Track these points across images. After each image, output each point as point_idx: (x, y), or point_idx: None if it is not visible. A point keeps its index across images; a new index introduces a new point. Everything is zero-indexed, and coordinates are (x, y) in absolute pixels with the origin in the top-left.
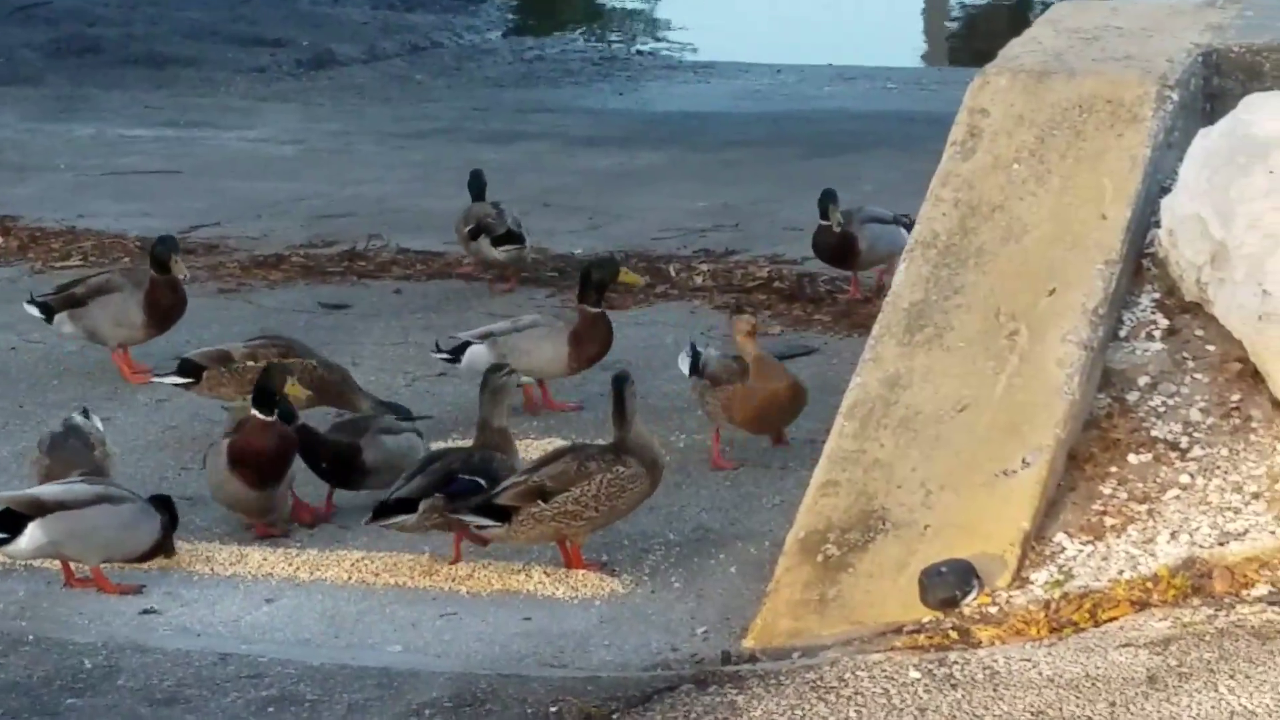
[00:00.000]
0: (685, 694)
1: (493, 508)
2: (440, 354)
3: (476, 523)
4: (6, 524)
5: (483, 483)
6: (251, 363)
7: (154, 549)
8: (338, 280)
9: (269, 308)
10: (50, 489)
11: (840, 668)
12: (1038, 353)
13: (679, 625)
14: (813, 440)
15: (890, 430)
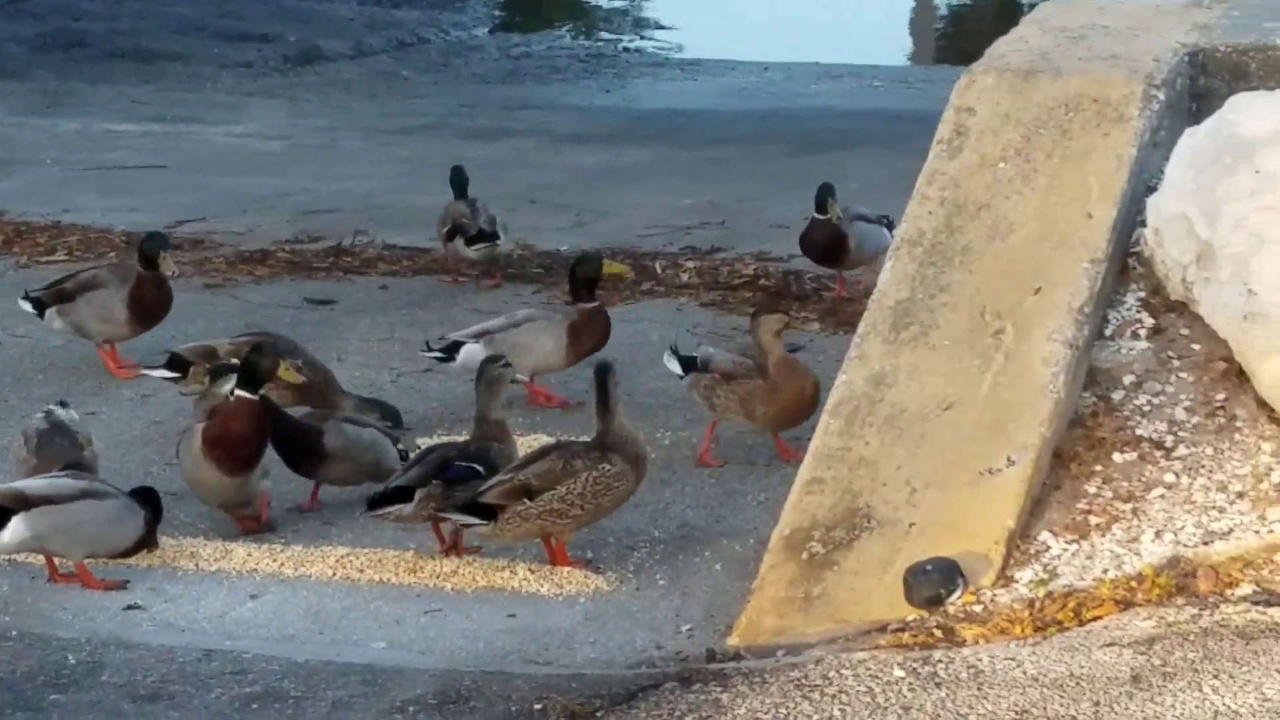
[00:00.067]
0: (670, 692)
1: (478, 506)
2: (432, 353)
3: (462, 521)
4: None
5: (480, 469)
6: (235, 360)
7: (138, 545)
8: (323, 276)
9: (254, 303)
10: (34, 483)
11: (825, 666)
12: (1023, 351)
13: (664, 623)
14: (798, 438)
15: (876, 428)
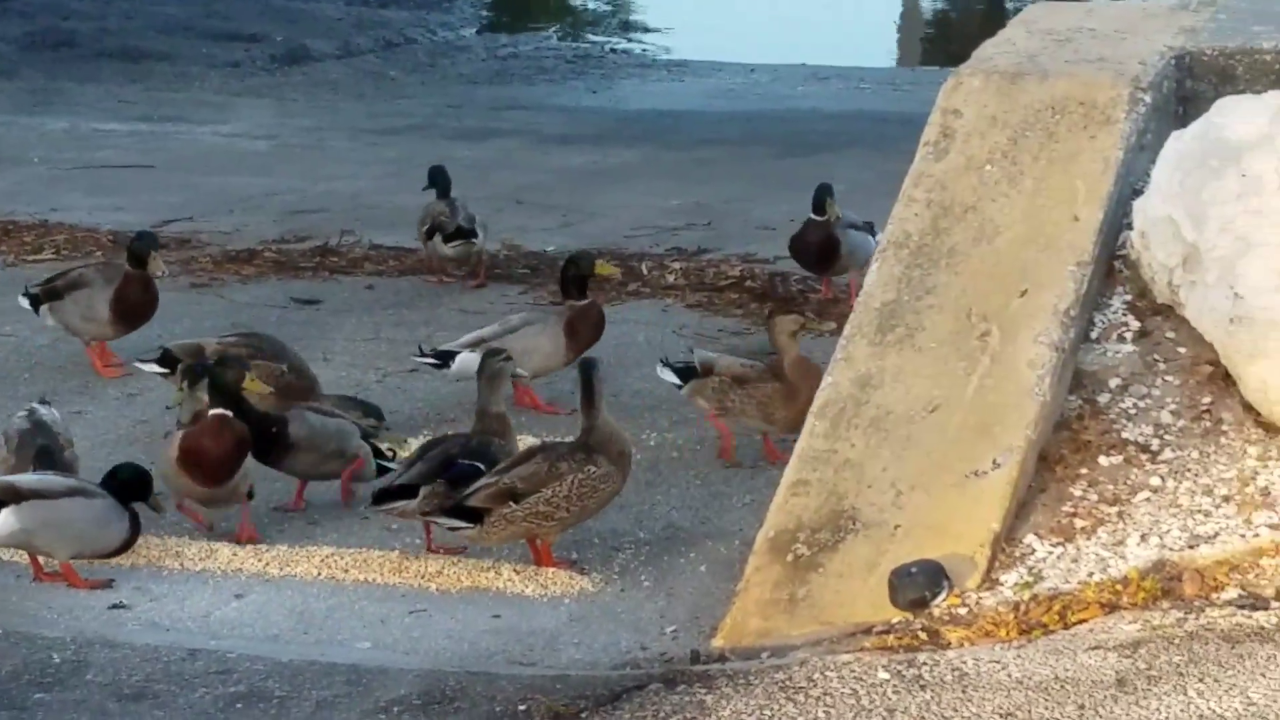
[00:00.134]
0: (654, 693)
1: (464, 509)
2: (425, 359)
3: (449, 525)
4: None
5: (482, 467)
6: (209, 360)
7: (123, 546)
8: (310, 276)
9: (241, 303)
10: (26, 477)
11: (809, 668)
12: (1009, 354)
13: (648, 624)
14: (784, 440)
15: (861, 430)
